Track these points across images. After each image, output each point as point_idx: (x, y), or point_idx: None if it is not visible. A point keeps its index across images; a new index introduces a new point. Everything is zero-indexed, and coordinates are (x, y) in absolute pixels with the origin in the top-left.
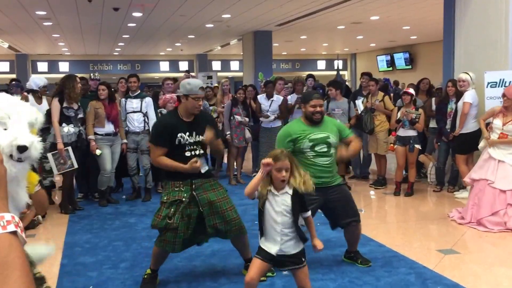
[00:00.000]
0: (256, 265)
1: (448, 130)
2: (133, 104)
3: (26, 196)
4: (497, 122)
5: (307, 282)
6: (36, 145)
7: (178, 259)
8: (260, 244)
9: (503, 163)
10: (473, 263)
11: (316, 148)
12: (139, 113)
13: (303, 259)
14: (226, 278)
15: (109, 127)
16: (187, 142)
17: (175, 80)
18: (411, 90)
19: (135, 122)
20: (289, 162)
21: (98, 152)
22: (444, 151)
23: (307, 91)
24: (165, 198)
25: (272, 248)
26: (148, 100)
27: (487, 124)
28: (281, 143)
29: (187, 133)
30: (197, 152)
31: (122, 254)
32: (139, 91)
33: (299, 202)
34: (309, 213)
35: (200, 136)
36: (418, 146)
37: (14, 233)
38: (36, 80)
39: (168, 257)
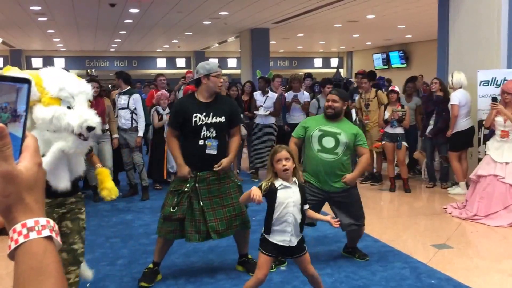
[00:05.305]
0: (266, 261)
1: (431, 126)
2: (121, 100)
3: (83, 166)
4: (500, 119)
5: (311, 266)
6: (99, 125)
7: (175, 255)
8: (268, 238)
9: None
10: (466, 257)
11: (323, 141)
12: (127, 110)
13: (305, 245)
14: (224, 274)
15: None
16: (203, 123)
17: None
18: (397, 88)
19: (123, 119)
20: (287, 152)
21: None
22: (430, 147)
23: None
24: (172, 186)
25: (282, 240)
26: (136, 97)
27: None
28: (297, 128)
29: (204, 114)
30: (212, 135)
31: (120, 251)
32: (128, 87)
33: (303, 192)
34: (307, 206)
35: (218, 118)
36: (405, 144)
37: (49, 237)
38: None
39: (166, 254)
